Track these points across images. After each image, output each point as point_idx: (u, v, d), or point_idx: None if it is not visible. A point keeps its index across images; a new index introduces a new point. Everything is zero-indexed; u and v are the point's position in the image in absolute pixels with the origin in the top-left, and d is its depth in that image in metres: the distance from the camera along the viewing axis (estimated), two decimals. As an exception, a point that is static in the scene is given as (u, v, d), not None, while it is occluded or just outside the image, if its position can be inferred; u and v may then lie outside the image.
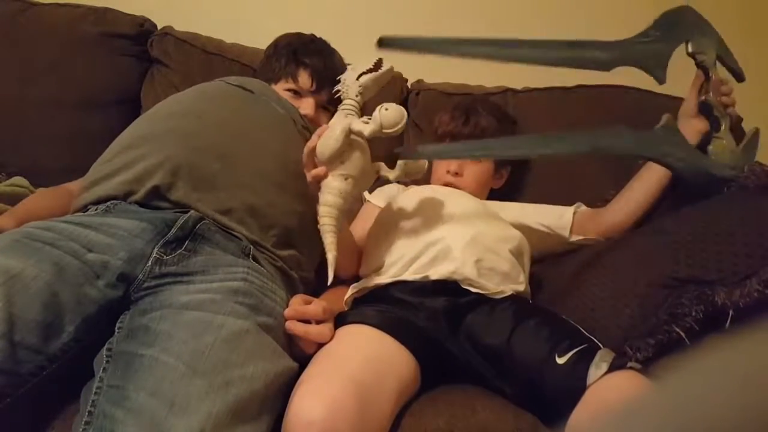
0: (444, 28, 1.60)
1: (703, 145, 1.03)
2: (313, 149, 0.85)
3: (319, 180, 0.86)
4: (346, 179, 0.85)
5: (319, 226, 0.86)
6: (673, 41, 1.04)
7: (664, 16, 1.04)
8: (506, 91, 1.43)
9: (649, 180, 1.07)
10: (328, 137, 0.84)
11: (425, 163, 0.84)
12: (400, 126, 0.82)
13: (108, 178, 0.88)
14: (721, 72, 1.08)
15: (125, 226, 0.78)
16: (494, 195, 1.25)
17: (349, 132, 0.83)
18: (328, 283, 0.85)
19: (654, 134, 0.99)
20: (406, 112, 0.83)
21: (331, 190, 0.85)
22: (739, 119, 1.07)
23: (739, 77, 1.09)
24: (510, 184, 1.28)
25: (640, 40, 1.04)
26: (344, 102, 0.90)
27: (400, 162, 0.83)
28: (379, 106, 0.83)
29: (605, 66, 1.01)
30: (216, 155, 0.90)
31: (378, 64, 0.92)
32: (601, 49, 1.02)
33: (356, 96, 0.89)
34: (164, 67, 1.44)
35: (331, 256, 0.84)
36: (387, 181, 0.89)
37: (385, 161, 0.93)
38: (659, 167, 1.05)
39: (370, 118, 0.84)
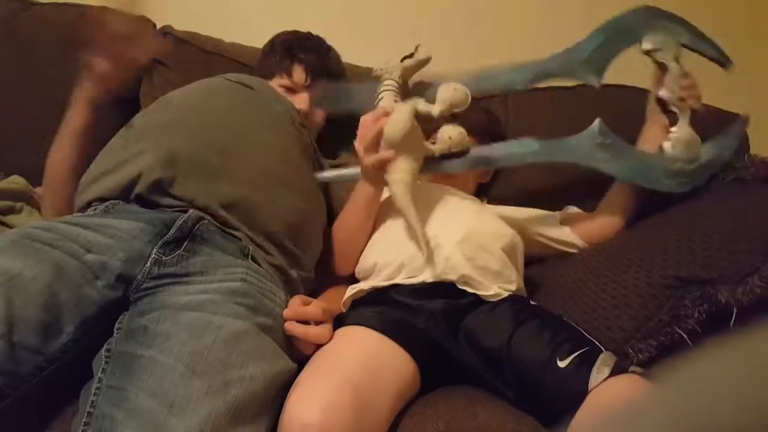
0: (445, 28, 1.60)
1: None
2: (380, 133, 0.89)
3: (385, 164, 0.91)
4: (415, 158, 0.92)
5: (398, 205, 0.92)
6: (616, 45, 1.03)
7: (605, 24, 1.03)
8: (507, 90, 1.43)
9: (622, 188, 1.09)
10: (397, 121, 0.88)
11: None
12: (467, 104, 0.93)
13: (109, 174, 0.87)
14: (696, 63, 1.05)
15: (124, 226, 0.78)
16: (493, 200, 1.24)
17: (416, 114, 0.90)
18: (424, 257, 0.90)
19: (566, 142, 1.00)
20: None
21: (404, 169, 0.91)
22: (705, 109, 1.05)
23: (723, 64, 1.07)
24: (500, 197, 1.27)
25: (565, 55, 1.03)
26: (385, 82, 0.97)
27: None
28: (446, 86, 0.93)
29: (522, 85, 1.03)
30: (217, 150, 0.90)
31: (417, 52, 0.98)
32: (514, 72, 1.03)
33: (398, 77, 0.97)
34: (163, 66, 1.43)
35: (417, 228, 0.91)
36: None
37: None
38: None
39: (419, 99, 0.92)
